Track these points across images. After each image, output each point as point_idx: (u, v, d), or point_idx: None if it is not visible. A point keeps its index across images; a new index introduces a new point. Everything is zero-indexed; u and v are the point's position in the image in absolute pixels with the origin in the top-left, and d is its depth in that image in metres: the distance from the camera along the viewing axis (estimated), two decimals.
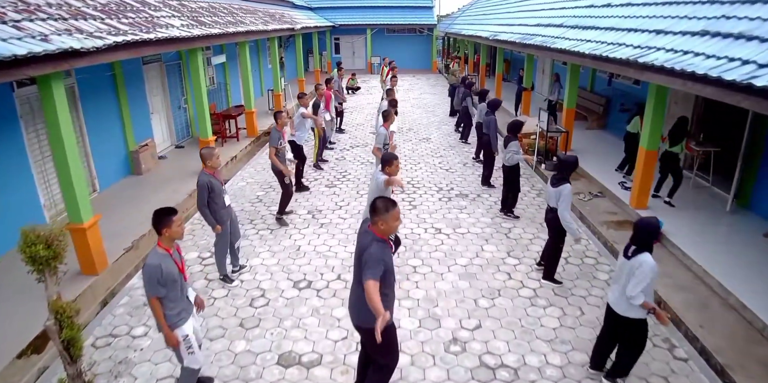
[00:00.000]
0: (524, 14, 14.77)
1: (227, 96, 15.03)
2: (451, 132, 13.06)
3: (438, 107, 16.82)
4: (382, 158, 4.98)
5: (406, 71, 28.14)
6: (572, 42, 8.55)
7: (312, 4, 27.84)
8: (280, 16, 17.11)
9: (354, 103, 17.91)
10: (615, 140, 11.55)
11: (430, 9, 28.83)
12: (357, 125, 13.92)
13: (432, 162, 10.25)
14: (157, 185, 8.95)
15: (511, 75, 22.19)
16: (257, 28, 11.55)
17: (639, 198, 7.62)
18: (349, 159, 10.59)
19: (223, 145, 11.72)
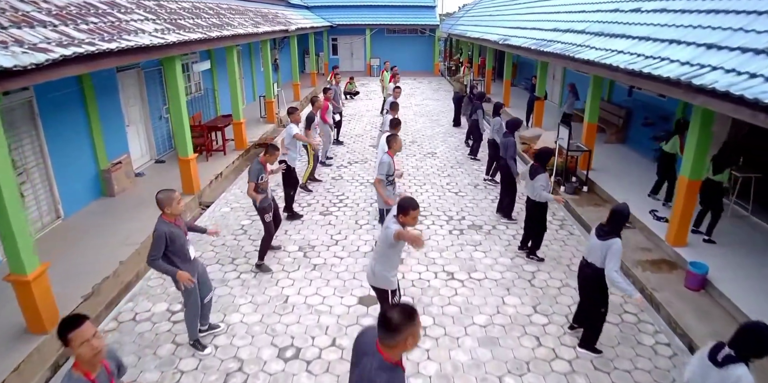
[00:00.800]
0: (537, 17, 13.87)
1: (215, 103, 14.07)
2: (459, 145, 12.14)
3: (442, 115, 15.89)
4: (399, 205, 4.03)
5: (407, 74, 27.21)
6: (600, 52, 7.64)
7: (308, 2, 26.88)
8: (274, 17, 16.17)
9: (352, 109, 16.98)
10: (637, 157, 10.68)
11: (432, 8, 27.90)
12: (355, 137, 12.98)
13: (439, 183, 9.32)
14: (131, 209, 8.03)
15: (517, 80, 21.28)
16: (246, 31, 10.61)
17: (677, 234, 6.73)
18: (346, 178, 9.65)
19: (208, 159, 10.79)
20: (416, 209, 3.96)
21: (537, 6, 15.50)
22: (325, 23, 24.55)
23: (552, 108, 15.14)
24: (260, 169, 5.87)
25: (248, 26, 11.53)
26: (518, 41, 12.10)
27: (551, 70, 17.64)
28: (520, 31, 13.35)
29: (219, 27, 9.69)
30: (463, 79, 14.34)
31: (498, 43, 13.88)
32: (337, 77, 12.46)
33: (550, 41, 10.23)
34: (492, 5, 23.86)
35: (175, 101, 8.28)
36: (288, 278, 5.97)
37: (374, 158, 10.85)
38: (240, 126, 11.54)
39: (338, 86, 12.07)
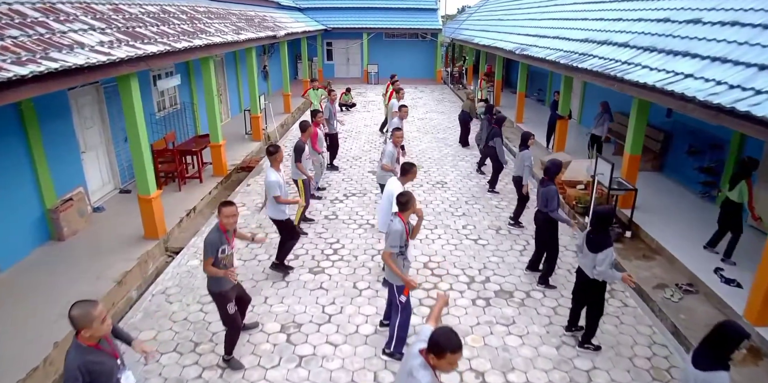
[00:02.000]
0: (559, 24, 12.52)
1: (195, 120, 12.62)
2: (471, 172, 10.74)
3: (450, 132, 14.49)
4: (432, 340, 2.57)
5: (407, 81, 25.81)
6: (659, 74, 6.28)
7: (301, 4, 25.49)
8: (261, 21, 14.77)
9: (349, 123, 15.56)
10: (681, 190, 9.37)
11: (434, 11, 26.58)
12: (352, 160, 11.55)
13: (454, 225, 7.91)
14: (82, 259, 6.68)
15: (528, 90, 19.94)
16: (224, 40, 9.19)
17: (761, 311, 5.34)
18: (342, 217, 8.23)
19: (180, 188, 9.35)
20: (457, 351, 2.54)
21: (556, 11, 14.17)
22: (319, 27, 23.17)
23: (573, 127, 13.75)
24: (220, 238, 4.38)
25: (228, 33, 10.12)
26: (540, 52, 10.75)
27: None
28: (540, 40, 12.00)
29: (190, 35, 8.27)
30: (473, 96, 12.92)
31: (514, 53, 12.53)
32: (332, 94, 10.96)
33: (583, 55, 8.87)
34: (500, 8, 22.55)
35: (132, 127, 6.85)
36: (265, 379, 4.54)
37: (375, 189, 9.45)
38: (219, 149, 10.10)
39: (333, 105, 10.62)
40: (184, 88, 12.33)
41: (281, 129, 15.31)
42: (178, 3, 10.41)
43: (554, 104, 12.08)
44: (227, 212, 4.39)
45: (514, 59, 13.30)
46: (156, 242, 7.26)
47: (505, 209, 8.66)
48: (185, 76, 12.24)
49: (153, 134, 10.52)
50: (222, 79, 15.30)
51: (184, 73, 12.15)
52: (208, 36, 8.95)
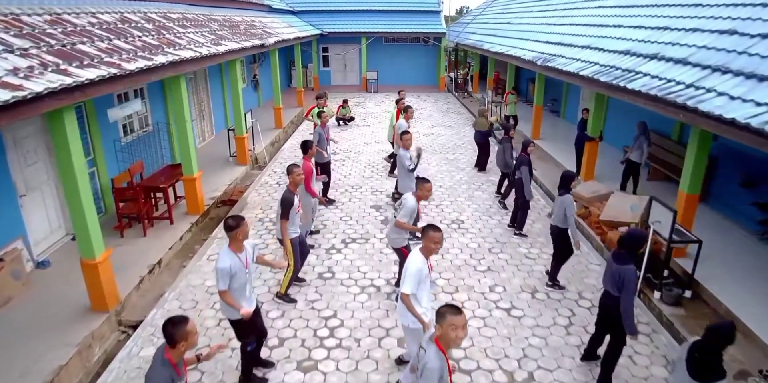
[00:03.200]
0: (584, 30, 11.09)
1: (171, 143, 11.14)
2: (490, 205, 9.29)
3: (460, 152, 13.04)
4: None
5: (408, 89, 24.32)
6: (744, 106, 4.86)
7: (295, 7, 24.07)
8: (248, 27, 13.33)
9: (347, 141, 14.11)
10: (733, 228, 8.03)
11: (437, 14, 25.16)
12: (351, 190, 10.08)
13: (479, 287, 6.44)
14: (5, 347, 5.22)
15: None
16: (196, 54, 7.74)
17: None
18: (339, 275, 6.75)
19: (145, 233, 7.90)
20: None
21: (580, 15, 12.73)
22: (314, 31, 21.74)
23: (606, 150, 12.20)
24: None
25: (204, 45, 8.67)
26: (569, 65, 9.33)
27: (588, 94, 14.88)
28: (566, 50, 10.57)
29: (152, 51, 6.82)
30: (488, 112, 11.45)
31: (535, 64, 11.10)
32: (324, 118, 9.26)
33: (628, 71, 7.44)
34: (508, 11, 21.13)
35: (67, 173, 5.39)
36: None
37: (380, 233, 8.00)
38: (193, 184, 8.63)
39: (325, 129, 9.07)
40: (157, 106, 10.88)
41: (271, 148, 13.87)
42: (146, 9, 8.97)
43: (582, 123, 10.65)
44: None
45: (535, 70, 11.86)
46: (105, 316, 5.81)
47: (537, 259, 7.21)
48: (159, 92, 10.80)
49: (117, 164, 9.09)
50: (205, 93, 13.86)
51: (158, 89, 10.71)
52: (177, 50, 7.50)
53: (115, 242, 7.57)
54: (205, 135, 13.83)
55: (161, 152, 10.78)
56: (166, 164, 10.00)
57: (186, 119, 8.31)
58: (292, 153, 12.94)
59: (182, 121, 8.33)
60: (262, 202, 9.40)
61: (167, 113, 11.30)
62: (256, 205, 9.27)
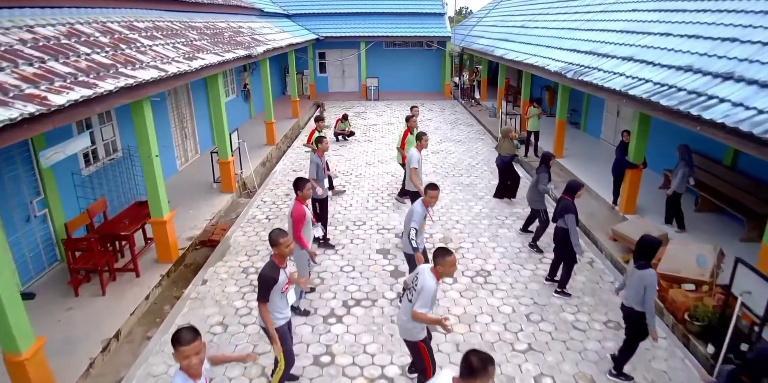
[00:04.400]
0: (620, 38, 9.68)
1: None
2: (519, 249, 7.86)
3: (475, 174, 11.60)
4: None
5: (412, 96, 23.05)
6: None
7: (290, 10, 22.67)
8: (234, 34, 11.91)
9: (347, 161, 12.69)
10: None
11: (440, 16, 23.76)
12: (353, 227, 8.65)
13: (519, 376, 5.03)
14: None
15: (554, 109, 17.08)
16: (160, 75, 6.31)
17: None
18: (340, 360, 5.29)
19: (104, 291, 6.49)
20: None
21: (610, 20, 11.31)
22: (310, 36, 20.34)
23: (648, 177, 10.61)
24: None
25: (174, 60, 7.25)
26: (611, 81, 7.93)
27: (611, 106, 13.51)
28: (602, 61, 9.16)
29: (100, 73, 5.41)
30: (514, 133, 10.00)
31: (564, 76, 9.70)
32: (324, 145, 7.62)
33: (695, 94, 6.05)
34: (519, 13, 19.72)
35: None
36: None
37: (389, 290, 6.59)
38: (163, 227, 7.21)
39: (323, 158, 7.60)
40: (128, 127, 9.46)
41: (262, 169, 12.45)
42: (105, 18, 7.55)
43: (622, 146, 9.22)
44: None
45: (563, 83, 10.46)
46: None
47: (588, 330, 5.79)
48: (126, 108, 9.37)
49: (77, 201, 7.69)
50: (187, 108, 12.44)
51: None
52: (135, 69, 6.09)
53: (66, 305, 6.20)
54: (188, 155, 12.41)
55: (133, 183, 9.36)
56: (136, 200, 8.56)
57: (152, 151, 6.88)
58: (284, 176, 11.51)
59: (147, 154, 6.90)
60: (248, 245, 7.98)
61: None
62: (241, 249, 7.84)
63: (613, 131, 13.77)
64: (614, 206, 9.47)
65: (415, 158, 7.22)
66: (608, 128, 14.10)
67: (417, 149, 7.42)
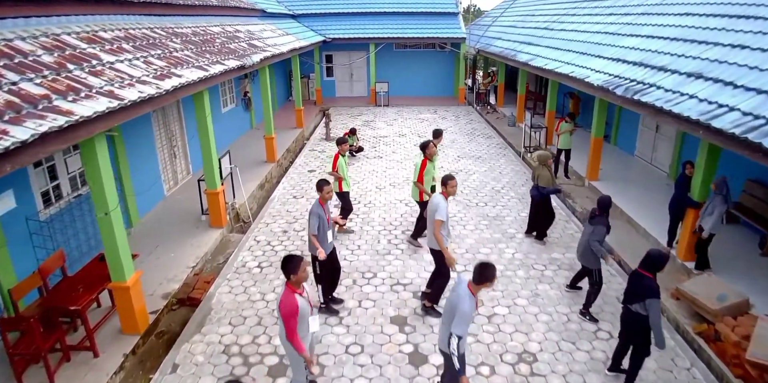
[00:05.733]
0: (678, 48, 7.91)
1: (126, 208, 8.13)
2: (567, 316, 6.20)
3: (501, 201, 9.93)
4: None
5: (423, 101, 21.35)
6: None
7: (295, 10, 20.98)
8: (227, 40, 10.26)
9: (354, 183, 11.08)
10: None
11: (454, 16, 21.96)
12: (360, 283, 7.01)
13: None
14: None
15: (584, 122, 15.33)
16: (107, 107, 4.69)
17: None
18: None
19: (53, 378, 4.94)
20: None
21: (658, 24, 9.52)
22: (316, 39, 18.66)
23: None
24: None
25: (139, 81, 5.62)
26: (680, 104, 6.23)
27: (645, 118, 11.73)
28: (660, 77, 7.43)
29: (24, 109, 3.82)
30: (551, 160, 8.26)
31: (610, 92, 7.99)
32: (325, 193, 5.76)
33: None
34: (541, 13, 17.88)
35: None
36: None
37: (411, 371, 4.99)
38: (126, 293, 5.62)
39: (326, 206, 5.80)
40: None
41: (260, 192, 10.86)
42: (62, 28, 5.94)
43: (683, 180, 7.53)
44: None
45: (607, 99, 8.74)
46: None
47: None
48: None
49: (34, 253, 6.16)
50: (177, 124, 10.86)
51: None
52: (76, 100, 4.48)
53: None
54: (178, 177, 10.83)
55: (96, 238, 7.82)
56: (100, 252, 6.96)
57: (108, 205, 5.27)
58: (284, 205, 9.89)
59: (103, 208, 5.30)
60: (234, 308, 6.37)
61: (116, 162, 8.31)
62: (225, 314, 6.25)
63: (650, 147, 12.04)
64: (669, 248, 7.80)
65: (441, 208, 5.58)
66: (645, 144, 12.35)
67: (443, 195, 5.78)
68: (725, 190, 6.79)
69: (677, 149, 10.90)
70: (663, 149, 11.57)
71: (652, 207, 9.04)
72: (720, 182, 6.82)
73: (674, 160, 11.04)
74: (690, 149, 10.37)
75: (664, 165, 11.50)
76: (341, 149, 8.24)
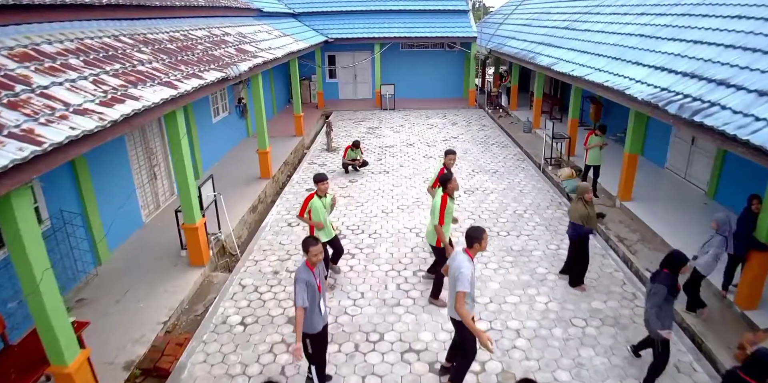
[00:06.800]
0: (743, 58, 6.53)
1: (94, 246, 6.91)
2: None
3: (525, 229, 8.57)
4: None
5: (431, 104, 19.97)
6: None
7: (296, 8, 19.61)
8: (212, 46, 8.92)
9: (356, 206, 9.77)
10: None
11: (464, 14, 20.50)
12: (362, 347, 5.72)
13: None
14: None
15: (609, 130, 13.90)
16: (22, 154, 3.42)
17: None
18: None
19: None
20: None
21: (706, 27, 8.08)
22: (317, 39, 17.31)
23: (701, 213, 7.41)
24: None
25: (77, 109, 4.33)
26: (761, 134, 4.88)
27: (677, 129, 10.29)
28: (723, 94, 6.07)
29: None
30: (591, 195, 6.83)
31: (661, 109, 6.63)
32: (313, 255, 4.37)
33: None
34: (558, 10, 16.40)
35: None
36: None
37: None
38: (70, 381, 4.36)
39: (314, 272, 4.27)
40: (62, 185, 6.68)
41: (251, 216, 9.59)
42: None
43: (746, 216, 6.18)
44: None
45: (654, 115, 7.36)
46: None
47: None
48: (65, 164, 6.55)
49: None
50: (159, 140, 9.59)
51: None
52: None
53: None
54: (160, 200, 9.57)
55: (72, 265, 6.59)
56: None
57: (35, 275, 4.00)
58: (276, 236, 8.58)
59: (29, 284, 4.03)
60: None
61: (80, 196, 7.07)
62: None
63: (684, 161, 10.66)
64: (726, 292, 6.48)
65: (464, 276, 4.21)
66: (678, 157, 10.96)
67: (467, 254, 4.46)
68: (728, 230, 5.85)
69: (717, 166, 9.53)
70: (700, 163, 10.19)
71: (692, 233, 7.72)
72: (722, 220, 5.86)
73: (713, 177, 9.68)
74: (733, 166, 9.03)
75: (701, 181, 10.15)
76: (319, 190, 6.44)
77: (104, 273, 7.19)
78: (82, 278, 6.93)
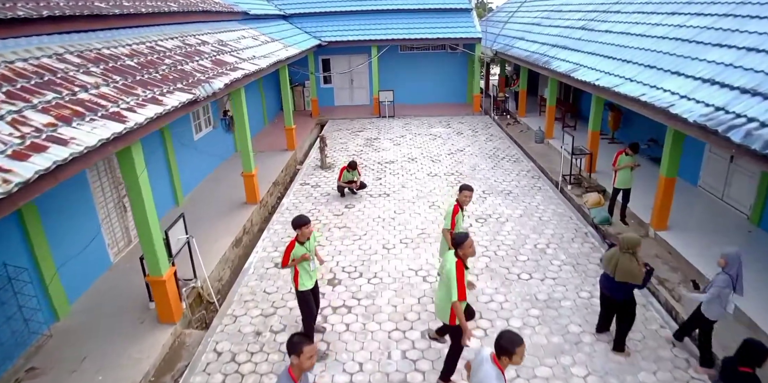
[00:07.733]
0: None
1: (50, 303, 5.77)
2: None
3: (551, 271, 7.39)
4: None
5: (433, 110, 18.79)
6: None
7: (287, 9, 18.42)
8: (184, 58, 7.74)
9: (352, 243, 8.63)
10: None
11: (467, 13, 19.29)
12: None
13: None
14: None
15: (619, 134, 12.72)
16: None
17: None
18: None
19: None
20: None
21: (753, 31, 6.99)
22: (310, 43, 16.12)
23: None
24: None
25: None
26: None
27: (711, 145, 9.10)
28: None
29: None
30: (635, 242, 5.61)
31: (722, 136, 5.47)
32: (305, 364, 3.24)
33: None
34: (570, 7, 15.19)
35: None
36: None
37: None
38: None
39: (304, 378, 3.31)
40: (9, 236, 5.55)
41: (234, 252, 8.44)
42: None
43: None
44: None
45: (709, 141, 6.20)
46: None
47: None
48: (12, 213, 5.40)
49: None
50: None
51: None
52: None
53: None
54: (131, 235, 8.42)
55: (21, 327, 5.47)
56: None
57: None
58: (261, 282, 7.42)
59: None
60: None
61: (30, 246, 5.93)
62: None
63: (721, 180, 9.51)
64: None
65: None
66: (713, 175, 9.80)
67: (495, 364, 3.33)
68: (738, 269, 5.03)
69: (764, 188, 8.38)
70: (740, 184, 9.04)
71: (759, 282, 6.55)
72: (733, 258, 5.04)
73: (758, 200, 8.53)
74: None
75: (742, 205, 9.00)
76: (301, 235, 5.42)
77: (60, 333, 6.07)
78: (33, 341, 5.81)
